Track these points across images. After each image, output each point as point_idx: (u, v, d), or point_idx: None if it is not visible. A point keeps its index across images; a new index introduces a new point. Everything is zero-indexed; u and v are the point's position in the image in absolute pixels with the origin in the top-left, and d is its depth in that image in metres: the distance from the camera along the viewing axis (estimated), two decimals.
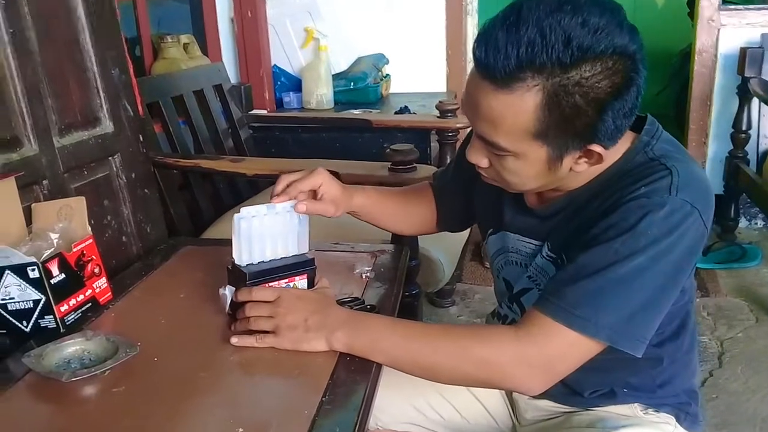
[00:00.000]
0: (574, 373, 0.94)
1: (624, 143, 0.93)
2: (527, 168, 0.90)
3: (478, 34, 0.84)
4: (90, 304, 1.06)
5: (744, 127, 2.93)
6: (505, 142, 0.87)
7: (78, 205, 1.11)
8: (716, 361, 2.11)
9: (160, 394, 0.86)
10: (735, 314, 2.41)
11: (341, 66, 3.13)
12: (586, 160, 0.90)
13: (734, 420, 1.82)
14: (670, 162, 0.90)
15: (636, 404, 1.08)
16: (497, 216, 1.11)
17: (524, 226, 1.06)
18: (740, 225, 3.18)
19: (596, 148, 0.87)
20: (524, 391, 0.94)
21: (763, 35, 2.89)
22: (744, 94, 2.90)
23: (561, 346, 0.88)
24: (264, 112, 2.79)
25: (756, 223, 3.25)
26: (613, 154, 0.92)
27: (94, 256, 1.07)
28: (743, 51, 2.86)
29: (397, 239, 1.57)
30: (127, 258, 1.38)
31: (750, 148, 2.96)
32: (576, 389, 1.08)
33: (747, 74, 2.83)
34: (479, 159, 0.95)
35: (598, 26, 0.80)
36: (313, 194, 1.10)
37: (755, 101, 2.87)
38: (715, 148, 3.14)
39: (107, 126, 1.37)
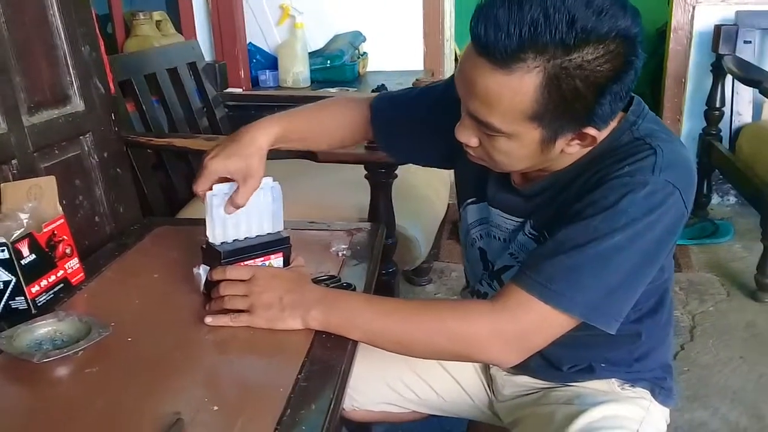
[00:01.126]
0: (553, 348, 0.95)
1: (611, 123, 0.92)
2: (519, 149, 0.89)
3: (477, 11, 0.82)
4: (62, 284, 1.05)
5: (717, 105, 2.96)
6: (500, 123, 0.86)
7: (48, 184, 1.09)
8: (688, 335, 2.15)
9: (134, 373, 0.85)
10: (707, 289, 2.45)
11: (318, 44, 3.10)
12: (578, 142, 0.90)
13: (706, 392, 1.85)
14: (655, 142, 0.90)
15: (613, 379, 1.09)
16: (480, 187, 1.11)
17: (507, 203, 1.06)
18: (713, 201, 3.22)
19: (590, 131, 0.87)
20: (498, 364, 0.95)
21: (737, 13, 2.91)
22: (718, 71, 2.92)
23: (535, 320, 0.89)
24: (239, 90, 2.76)
25: (728, 200, 3.30)
26: (601, 137, 0.92)
27: (65, 237, 1.06)
28: (717, 28, 2.88)
29: (373, 217, 1.57)
30: (100, 238, 1.36)
31: (723, 125, 2.99)
32: (555, 364, 1.10)
33: (721, 51, 2.85)
34: (468, 138, 0.93)
35: (602, 8, 0.79)
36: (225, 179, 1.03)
37: (729, 78, 2.90)
38: (689, 125, 3.17)
39: (78, 104, 1.34)
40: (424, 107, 1.14)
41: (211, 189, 1.01)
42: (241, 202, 1.01)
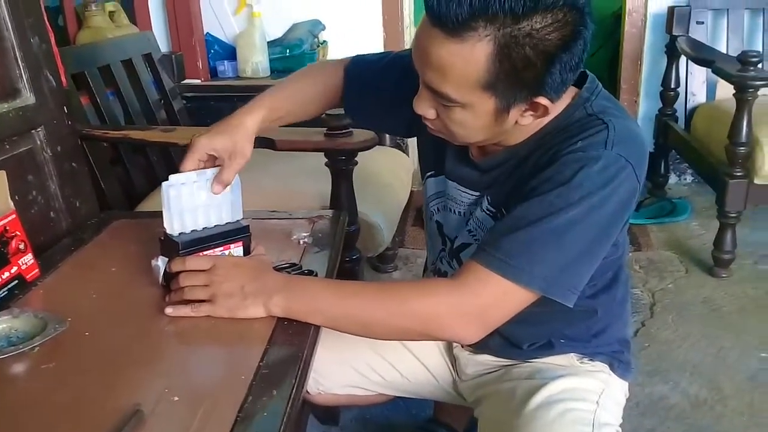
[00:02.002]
0: (512, 326, 0.97)
1: (565, 99, 0.94)
2: (474, 119, 0.91)
3: None
4: (16, 281, 1.03)
5: (673, 85, 3.01)
6: (454, 93, 0.87)
7: None
8: (648, 312, 2.19)
9: (92, 367, 0.84)
10: (666, 266, 2.50)
11: (276, 33, 3.07)
12: (531, 113, 0.91)
13: (666, 367, 1.90)
14: (607, 117, 0.92)
15: (572, 354, 1.12)
16: (439, 160, 1.12)
17: (464, 176, 1.08)
18: (670, 181, 3.28)
19: (542, 100, 0.88)
20: (460, 340, 0.96)
21: None
22: (672, 52, 2.97)
23: (495, 295, 0.90)
24: (198, 81, 2.73)
25: (685, 179, 3.37)
26: (555, 110, 0.93)
27: (18, 232, 1.03)
28: (671, 10, 2.93)
29: (335, 205, 1.57)
30: (56, 234, 1.33)
31: (679, 105, 3.04)
32: (514, 342, 1.12)
33: (675, 33, 2.90)
34: (426, 110, 0.94)
35: None
36: (213, 159, 1.05)
37: (683, 59, 2.95)
38: (645, 106, 3.22)
39: (28, 97, 1.31)
40: (392, 77, 1.14)
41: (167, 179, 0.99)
42: (227, 180, 1.02)
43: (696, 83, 2.98)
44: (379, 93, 1.17)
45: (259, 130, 1.09)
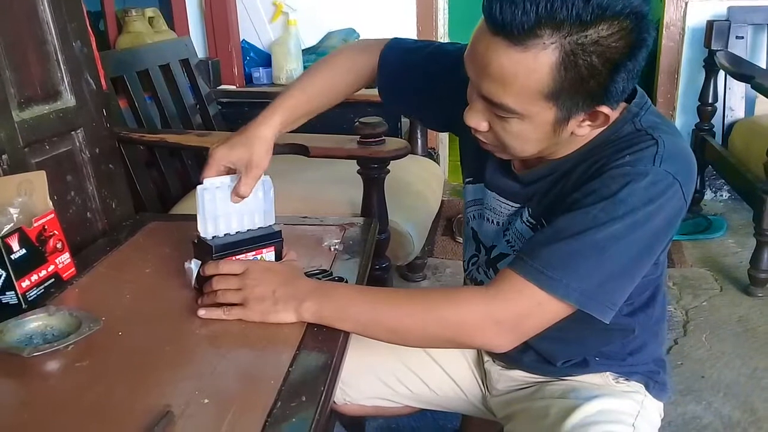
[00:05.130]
0: (547, 343, 0.95)
1: (614, 113, 0.92)
2: (531, 131, 0.89)
3: None
4: (53, 279, 1.04)
5: (710, 100, 2.96)
6: (514, 103, 0.85)
7: (38, 179, 1.09)
8: (681, 330, 2.15)
9: (124, 367, 0.85)
10: (700, 284, 2.45)
11: (311, 41, 3.10)
12: (590, 122, 0.89)
13: (699, 386, 1.86)
14: (657, 133, 0.90)
15: (608, 373, 1.09)
16: (479, 168, 1.11)
17: (505, 187, 1.06)
18: (706, 197, 3.23)
19: (604, 109, 0.87)
20: (491, 348, 0.94)
21: (729, 8, 2.92)
22: (710, 67, 2.93)
23: (530, 305, 0.89)
24: (233, 87, 2.76)
25: (721, 195, 3.31)
26: (613, 115, 0.91)
27: (56, 231, 1.05)
28: (710, 24, 2.89)
29: (366, 212, 1.57)
30: (92, 234, 1.36)
31: (716, 120, 3.00)
32: (549, 359, 1.09)
33: (713, 47, 2.86)
34: (479, 122, 0.92)
35: None
36: (228, 169, 1.05)
37: (721, 74, 2.91)
38: (682, 121, 3.17)
39: (69, 100, 1.34)
40: (434, 71, 1.12)
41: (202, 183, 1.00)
42: (244, 193, 1.02)
43: (734, 98, 2.94)
44: (418, 83, 1.15)
45: (277, 138, 1.09)
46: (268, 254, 1.05)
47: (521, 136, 0.90)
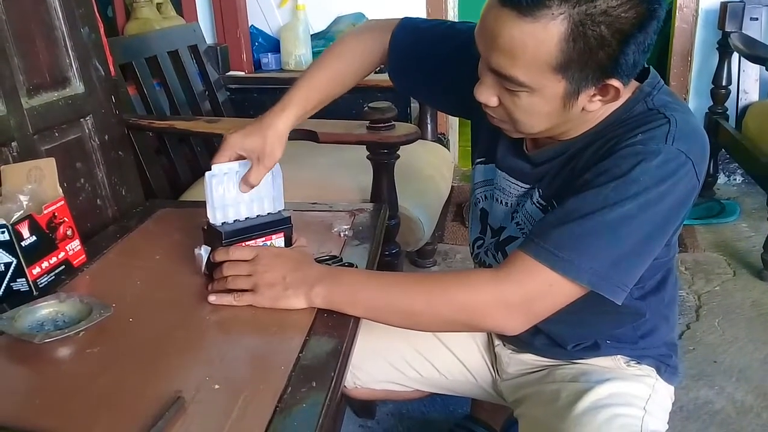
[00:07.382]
0: (558, 326, 0.94)
1: (626, 92, 0.91)
2: (542, 104, 0.88)
3: None
4: (63, 266, 1.05)
5: (724, 83, 2.93)
6: (523, 76, 0.84)
7: (48, 166, 1.09)
8: (694, 315, 2.14)
9: (136, 353, 0.85)
10: (712, 268, 2.43)
11: (320, 26, 3.08)
12: (600, 97, 0.88)
13: (711, 371, 1.85)
14: (669, 112, 0.89)
15: (619, 356, 1.09)
16: (491, 148, 1.10)
17: (515, 167, 1.05)
18: (719, 181, 3.20)
19: (614, 82, 0.86)
20: (503, 331, 0.93)
21: None
22: (724, 49, 2.89)
23: (541, 286, 0.88)
24: (242, 73, 2.75)
25: (735, 179, 3.28)
26: (616, 101, 0.91)
27: (66, 218, 1.05)
28: (724, 5, 2.84)
29: (376, 198, 1.56)
30: (102, 221, 1.36)
31: (730, 103, 2.96)
32: (560, 342, 1.09)
33: (727, 29, 2.82)
34: (489, 97, 0.91)
35: None
36: (240, 156, 1.04)
37: (735, 56, 2.86)
38: (695, 103, 3.14)
39: (77, 87, 1.34)
40: (445, 52, 1.11)
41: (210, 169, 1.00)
42: (254, 182, 1.02)
43: (749, 81, 2.89)
44: (430, 64, 1.14)
45: (291, 129, 1.08)
46: (278, 240, 1.04)
47: (531, 111, 0.89)
